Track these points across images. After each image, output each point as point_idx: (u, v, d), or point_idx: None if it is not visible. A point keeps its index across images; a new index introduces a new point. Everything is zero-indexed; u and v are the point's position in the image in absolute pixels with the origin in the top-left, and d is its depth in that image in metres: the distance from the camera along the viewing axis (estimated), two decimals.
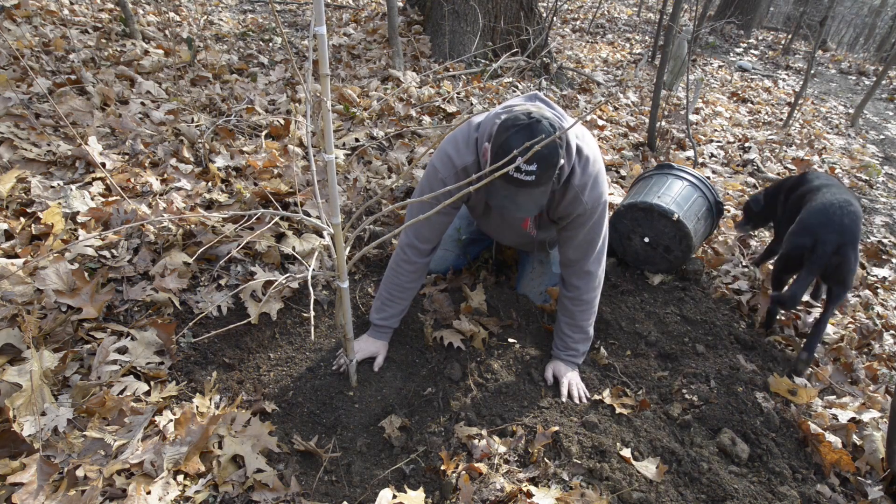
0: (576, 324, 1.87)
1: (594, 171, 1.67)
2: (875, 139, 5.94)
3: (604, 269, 1.86)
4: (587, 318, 1.88)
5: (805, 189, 2.29)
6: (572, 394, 1.83)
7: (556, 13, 5.42)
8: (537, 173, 1.42)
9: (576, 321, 1.87)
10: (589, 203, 1.67)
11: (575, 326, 1.87)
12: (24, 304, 1.66)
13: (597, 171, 1.68)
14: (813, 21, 9.94)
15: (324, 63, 1.04)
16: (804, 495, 1.58)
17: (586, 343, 1.91)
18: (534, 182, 1.44)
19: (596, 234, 1.77)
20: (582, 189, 1.65)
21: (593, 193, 1.67)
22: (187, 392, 1.65)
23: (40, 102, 2.72)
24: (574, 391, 1.84)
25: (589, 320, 1.89)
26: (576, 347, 1.89)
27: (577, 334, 1.88)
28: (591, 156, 1.67)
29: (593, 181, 1.66)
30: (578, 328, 1.87)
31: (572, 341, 1.88)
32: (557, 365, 1.89)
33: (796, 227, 2.09)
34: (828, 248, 1.95)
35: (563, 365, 1.89)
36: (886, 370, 2.23)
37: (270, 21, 5.27)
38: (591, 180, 1.66)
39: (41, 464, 1.32)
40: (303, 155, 2.77)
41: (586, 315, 1.87)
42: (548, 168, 1.43)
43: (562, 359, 1.89)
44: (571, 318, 1.87)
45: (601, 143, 4.04)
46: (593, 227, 1.74)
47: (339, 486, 1.52)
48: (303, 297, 2.06)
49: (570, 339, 1.88)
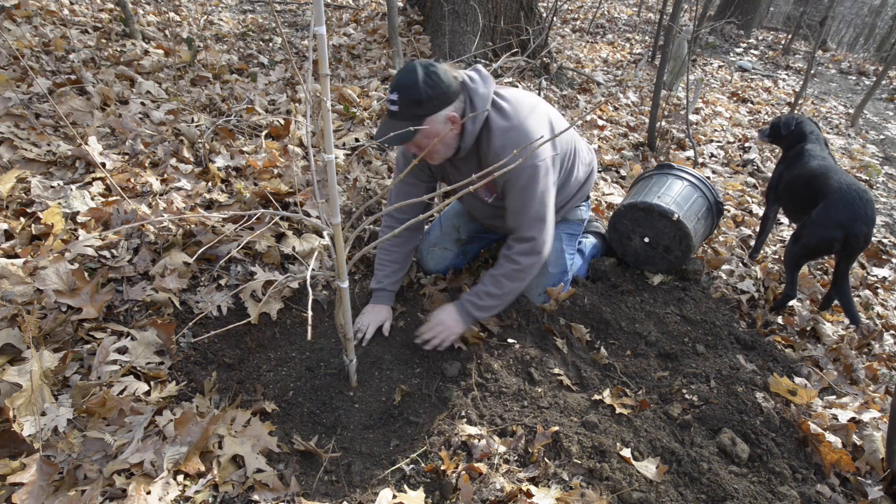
0: (496, 278, 1.85)
1: (515, 126, 1.70)
2: (875, 139, 5.94)
3: (548, 237, 1.82)
4: (509, 281, 1.83)
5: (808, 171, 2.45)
6: (425, 335, 1.83)
7: (556, 13, 5.42)
8: (399, 102, 1.57)
9: (496, 275, 1.85)
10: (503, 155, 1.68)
11: (493, 279, 1.85)
12: (24, 304, 1.66)
13: (518, 129, 1.70)
14: (813, 21, 9.94)
15: (323, 63, 1.04)
16: (804, 495, 1.58)
17: (490, 300, 1.85)
18: (398, 112, 1.59)
19: (527, 199, 1.75)
20: (501, 145, 1.70)
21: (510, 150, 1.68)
22: (187, 392, 1.65)
23: (40, 102, 2.72)
24: (429, 334, 1.83)
25: (507, 284, 1.83)
26: (477, 295, 1.85)
27: (491, 287, 1.85)
28: (517, 117, 1.71)
29: (511, 138, 1.69)
30: (496, 282, 1.84)
31: (481, 287, 1.86)
32: (448, 305, 1.89)
33: (823, 219, 2.27)
34: (860, 239, 2.20)
35: (452, 305, 1.87)
36: (886, 370, 2.23)
37: (270, 21, 5.27)
38: (509, 136, 1.69)
39: (41, 464, 1.32)
40: (303, 155, 2.77)
41: (511, 277, 1.83)
42: (406, 98, 1.56)
43: (459, 300, 1.89)
44: (495, 270, 1.86)
45: (601, 143, 4.04)
46: (522, 191, 1.74)
47: (339, 486, 1.52)
48: (303, 297, 2.06)
49: (480, 286, 1.87)
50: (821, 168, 2.40)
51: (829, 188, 2.29)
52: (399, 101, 1.57)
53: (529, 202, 1.75)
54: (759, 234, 2.83)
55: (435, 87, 1.58)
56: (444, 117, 1.64)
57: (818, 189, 2.34)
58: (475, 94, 1.70)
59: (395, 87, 1.57)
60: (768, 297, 2.55)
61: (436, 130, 1.64)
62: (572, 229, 2.26)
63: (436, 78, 1.58)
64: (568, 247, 2.23)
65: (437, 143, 1.68)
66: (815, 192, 2.35)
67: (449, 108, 1.64)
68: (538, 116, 1.77)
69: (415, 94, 1.56)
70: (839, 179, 2.30)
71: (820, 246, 2.30)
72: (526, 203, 1.75)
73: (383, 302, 2.00)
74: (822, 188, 2.32)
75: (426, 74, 1.57)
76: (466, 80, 1.71)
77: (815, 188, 2.36)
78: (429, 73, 1.58)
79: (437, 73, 1.60)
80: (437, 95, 1.59)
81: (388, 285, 2.01)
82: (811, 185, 2.38)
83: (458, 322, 1.87)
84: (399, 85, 1.57)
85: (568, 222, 2.25)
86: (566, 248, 2.21)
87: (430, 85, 1.57)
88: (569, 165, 2.04)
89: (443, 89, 1.60)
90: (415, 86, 1.56)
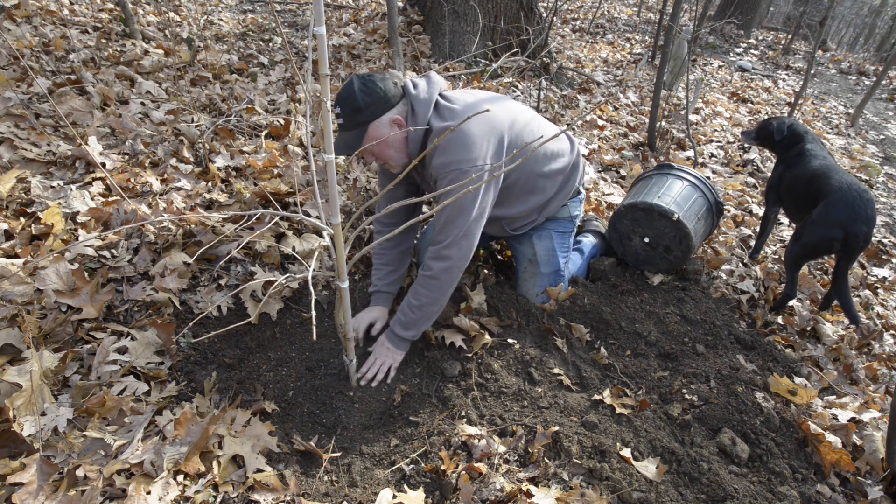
0: (413, 289, 1.82)
1: (452, 138, 1.68)
2: (875, 139, 5.94)
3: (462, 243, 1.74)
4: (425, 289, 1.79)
5: (809, 171, 2.45)
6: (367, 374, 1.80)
7: (556, 13, 5.42)
8: (342, 115, 1.66)
9: (414, 286, 1.82)
10: (438, 168, 1.71)
11: (412, 291, 1.82)
12: (24, 304, 1.66)
13: (455, 141, 1.68)
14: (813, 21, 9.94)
15: (323, 63, 1.04)
16: (804, 495, 1.58)
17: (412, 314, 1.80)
18: (343, 124, 1.68)
19: (450, 213, 1.71)
20: (433, 151, 1.72)
21: (442, 158, 1.70)
22: (187, 392, 1.65)
23: (40, 102, 2.72)
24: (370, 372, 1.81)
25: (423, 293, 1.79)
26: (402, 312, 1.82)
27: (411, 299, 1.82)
28: (454, 118, 1.72)
29: (446, 148, 1.70)
30: (414, 294, 1.81)
31: (402, 304, 1.84)
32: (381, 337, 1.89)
33: (823, 218, 2.28)
34: (860, 239, 2.21)
35: (383, 336, 1.87)
36: (886, 370, 2.23)
37: (270, 21, 5.27)
38: (443, 145, 1.70)
39: (41, 464, 1.32)
40: (303, 155, 2.77)
41: (425, 285, 1.78)
42: (346, 108, 1.64)
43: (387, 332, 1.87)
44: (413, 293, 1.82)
45: (601, 143, 4.04)
46: (445, 195, 1.69)
47: (339, 486, 1.52)
48: (303, 297, 2.06)
49: (400, 313, 1.84)
50: (822, 168, 2.41)
51: (829, 188, 2.29)
52: (342, 112, 1.66)
53: (450, 208, 1.71)
54: (759, 235, 2.83)
55: (371, 94, 1.66)
56: (387, 121, 1.70)
57: (819, 189, 2.34)
58: (416, 99, 1.74)
59: (336, 102, 1.66)
60: (768, 297, 2.55)
61: (381, 133, 1.70)
62: (563, 227, 2.21)
63: (371, 85, 1.66)
64: (560, 245, 2.20)
65: (384, 146, 1.73)
66: (816, 191, 2.35)
67: (391, 111, 1.71)
68: (480, 120, 1.73)
69: (353, 103, 1.64)
70: (840, 179, 2.30)
71: (820, 245, 2.30)
72: (447, 208, 1.71)
73: (378, 303, 2.02)
74: (822, 188, 2.32)
75: (362, 83, 1.66)
76: (409, 85, 1.77)
77: (815, 188, 2.36)
78: (364, 82, 1.67)
79: (372, 80, 1.68)
80: (374, 101, 1.66)
81: (383, 286, 2.02)
82: (812, 184, 2.39)
83: (391, 350, 1.84)
84: (339, 98, 1.66)
85: (557, 220, 2.20)
86: (557, 246, 2.18)
87: (365, 92, 1.65)
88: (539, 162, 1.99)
89: (379, 94, 1.67)
90: (351, 95, 1.64)
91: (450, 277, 1.79)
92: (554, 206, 2.14)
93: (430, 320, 1.86)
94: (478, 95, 1.88)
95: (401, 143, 1.77)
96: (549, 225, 2.19)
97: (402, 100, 1.74)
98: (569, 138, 2.17)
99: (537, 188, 2.04)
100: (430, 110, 1.74)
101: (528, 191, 2.03)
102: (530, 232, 2.19)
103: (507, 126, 1.81)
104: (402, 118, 1.73)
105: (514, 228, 2.16)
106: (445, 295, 1.82)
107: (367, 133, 1.69)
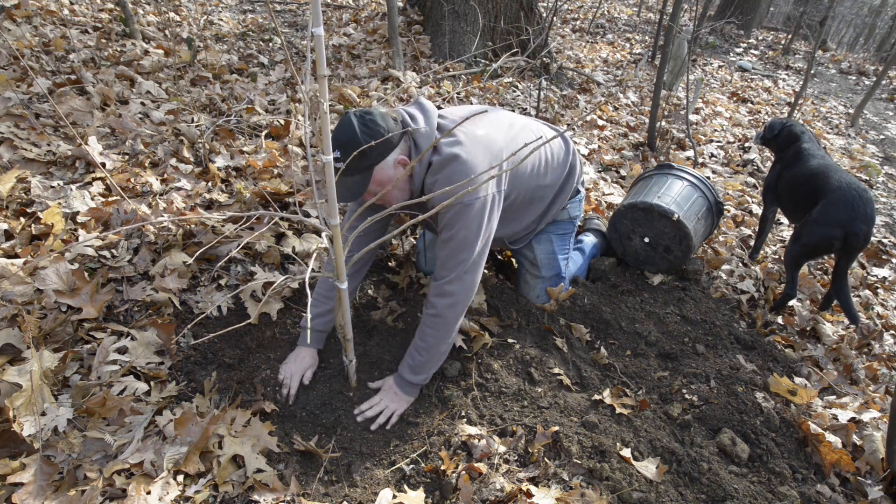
0: (420, 331, 1.72)
1: (454, 172, 1.59)
2: (875, 139, 5.94)
3: (466, 278, 1.67)
4: (432, 329, 1.69)
5: (808, 170, 2.45)
6: (367, 413, 1.71)
7: (556, 13, 5.42)
8: (343, 159, 1.48)
9: (420, 328, 1.72)
10: (437, 199, 1.57)
11: (419, 333, 1.73)
12: (24, 304, 1.66)
13: (458, 174, 1.58)
14: (813, 21, 9.94)
15: (321, 64, 1.04)
16: (804, 495, 1.58)
17: (420, 356, 1.71)
18: (346, 170, 1.50)
19: (449, 238, 1.63)
20: (433, 185, 1.63)
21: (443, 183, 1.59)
22: (187, 392, 1.65)
23: (40, 102, 2.72)
24: (372, 412, 1.71)
25: (430, 334, 1.69)
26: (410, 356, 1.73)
27: (418, 341, 1.72)
28: (463, 160, 1.59)
29: (448, 181, 1.59)
30: (421, 336, 1.72)
31: (411, 347, 1.74)
32: (388, 380, 1.79)
33: (823, 217, 2.27)
34: (860, 238, 2.20)
35: (391, 379, 1.77)
36: (886, 370, 2.23)
37: (270, 21, 5.27)
38: (444, 178, 1.60)
39: (41, 464, 1.32)
40: (302, 155, 2.77)
41: (431, 325, 1.70)
42: (350, 153, 1.46)
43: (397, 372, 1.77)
44: (420, 334, 1.73)
45: (601, 143, 4.04)
46: (446, 228, 1.63)
47: (339, 486, 1.52)
48: (303, 297, 2.06)
49: (410, 347, 1.75)
50: (821, 167, 2.40)
51: (829, 187, 2.29)
52: (343, 157, 1.49)
53: (450, 241, 1.64)
54: (758, 235, 2.83)
55: (374, 134, 1.52)
56: (392, 162, 1.60)
57: (818, 188, 2.34)
58: (418, 134, 1.64)
59: (336, 146, 1.50)
60: (768, 297, 2.55)
61: (386, 175, 1.59)
62: (563, 229, 2.19)
63: (373, 125, 1.53)
64: (560, 248, 2.18)
65: (393, 188, 1.61)
66: (815, 191, 2.35)
67: (395, 151, 1.60)
68: (484, 150, 1.66)
69: (356, 146, 1.48)
70: (839, 178, 2.30)
71: (820, 245, 2.30)
72: (447, 242, 1.64)
73: (306, 345, 1.83)
74: (822, 187, 2.32)
75: (363, 123, 1.53)
76: (407, 119, 1.65)
77: (814, 187, 2.36)
78: (365, 122, 1.53)
79: (373, 119, 1.54)
80: (378, 143, 1.53)
81: (319, 325, 1.83)
82: (811, 183, 2.39)
83: (398, 395, 1.74)
84: (338, 142, 1.50)
85: (557, 223, 2.17)
86: (558, 249, 2.17)
87: (368, 133, 1.52)
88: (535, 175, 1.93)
89: (383, 134, 1.54)
90: (354, 139, 1.50)
91: (455, 314, 1.69)
92: (554, 211, 2.11)
93: (440, 361, 1.75)
94: (475, 121, 1.75)
95: (405, 182, 1.67)
96: (549, 227, 2.17)
97: (404, 136, 1.64)
98: (563, 138, 2.10)
99: (536, 198, 2.00)
100: (432, 142, 1.60)
101: (528, 202, 1.98)
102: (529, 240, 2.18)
103: (505, 147, 1.74)
104: (406, 157, 1.63)
105: (515, 242, 2.15)
106: (452, 332, 1.72)
107: (373, 176, 1.57)
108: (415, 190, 1.70)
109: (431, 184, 1.64)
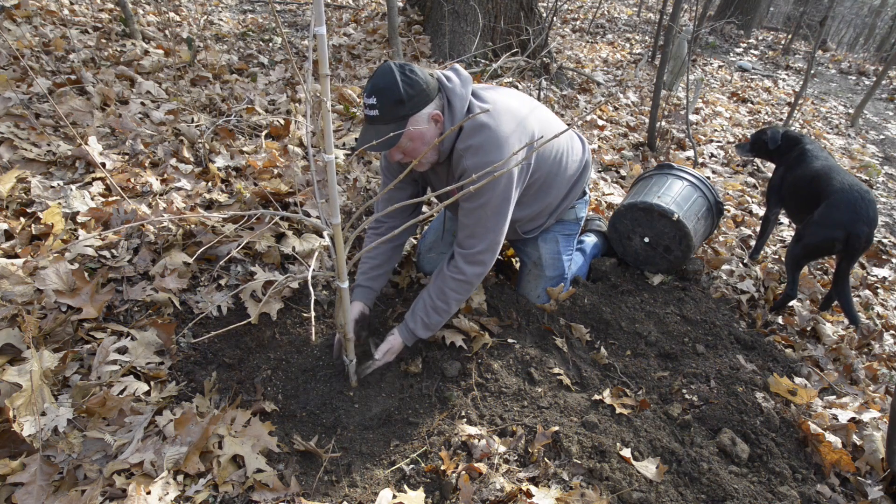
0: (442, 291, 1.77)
1: (486, 140, 1.61)
2: (875, 139, 5.95)
3: (496, 248, 1.74)
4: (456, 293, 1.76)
5: (811, 171, 2.45)
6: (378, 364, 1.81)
7: (556, 13, 5.42)
8: (378, 106, 1.50)
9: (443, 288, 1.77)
10: (472, 169, 1.59)
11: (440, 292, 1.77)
12: (24, 304, 1.66)
13: (486, 131, 1.62)
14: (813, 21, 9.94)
15: (323, 63, 1.04)
16: (804, 495, 1.58)
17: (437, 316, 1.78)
18: (379, 116, 1.52)
19: (481, 207, 1.66)
20: (465, 151, 1.64)
21: (475, 159, 1.61)
22: (187, 392, 1.65)
23: (40, 102, 2.72)
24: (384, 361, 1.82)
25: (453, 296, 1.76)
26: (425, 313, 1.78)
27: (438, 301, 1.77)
28: (493, 128, 1.62)
29: (480, 149, 1.61)
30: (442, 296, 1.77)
31: (428, 302, 1.79)
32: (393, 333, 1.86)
33: (825, 219, 2.28)
34: (861, 239, 2.20)
35: (395, 331, 1.85)
36: (886, 370, 2.23)
37: (270, 21, 5.27)
38: (475, 138, 1.62)
39: (41, 464, 1.32)
40: (303, 155, 2.77)
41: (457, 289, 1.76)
42: (386, 99, 1.49)
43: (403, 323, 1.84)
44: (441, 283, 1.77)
45: (601, 143, 4.04)
46: (477, 197, 1.65)
47: (339, 486, 1.52)
48: (303, 297, 2.06)
49: (425, 300, 1.79)
50: (824, 168, 2.41)
51: (831, 188, 2.29)
52: (378, 104, 1.50)
53: (482, 211, 1.67)
54: (759, 236, 2.83)
55: (414, 85, 1.52)
56: (426, 116, 1.59)
57: (820, 189, 2.34)
58: (452, 93, 1.64)
59: (373, 91, 1.50)
60: (768, 297, 2.55)
61: (420, 131, 1.58)
62: (568, 229, 2.21)
63: (413, 76, 1.53)
64: (565, 249, 2.19)
65: (419, 142, 1.62)
66: (818, 192, 2.35)
67: (430, 105, 1.59)
68: (511, 119, 1.69)
69: (395, 95, 1.49)
70: (842, 180, 2.30)
71: (822, 246, 2.30)
72: (475, 210, 1.67)
73: (358, 298, 1.91)
74: (824, 188, 2.32)
75: (403, 73, 1.52)
76: (443, 79, 1.66)
77: (817, 188, 2.36)
78: (405, 71, 1.53)
79: (413, 70, 1.54)
80: (417, 93, 1.53)
81: (365, 281, 1.93)
82: (813, 185, 2.39)
83: (401, 346, 1.84)
84: (376, 87, 1.50)
85: (563, 223, 2.20)
86: (563, 250, 2.18)
87: (408, 83, 1.51)
88: (557, 162, 1.98)
89: (422, 86, 1.54)
90: (393, 85, 1.49)
91: (478, 281, 1.79)
92: (564, 207, 2.14)
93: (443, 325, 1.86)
94: (502, 91, 1.82)
95: (436, 139, 1.64)
96: (556, 227, 2.18)
97: (439, 93, 1.63)
98: (580, 139, 2.18)
99: (554, 184, 2.02)
100: (466, 105, 1.65)
101: (547, 187, 2.01)
102: (536, 234, 2.19)
103: (535, 124, 1.78)
104: (440, 113, 1.62)
105: (525, 231, 2.15)
106: (466, 298, 1.83)
107: (407, 127, 1.56)
108: (443, 153, 1.71)
109: (463, 149, 1.65)
